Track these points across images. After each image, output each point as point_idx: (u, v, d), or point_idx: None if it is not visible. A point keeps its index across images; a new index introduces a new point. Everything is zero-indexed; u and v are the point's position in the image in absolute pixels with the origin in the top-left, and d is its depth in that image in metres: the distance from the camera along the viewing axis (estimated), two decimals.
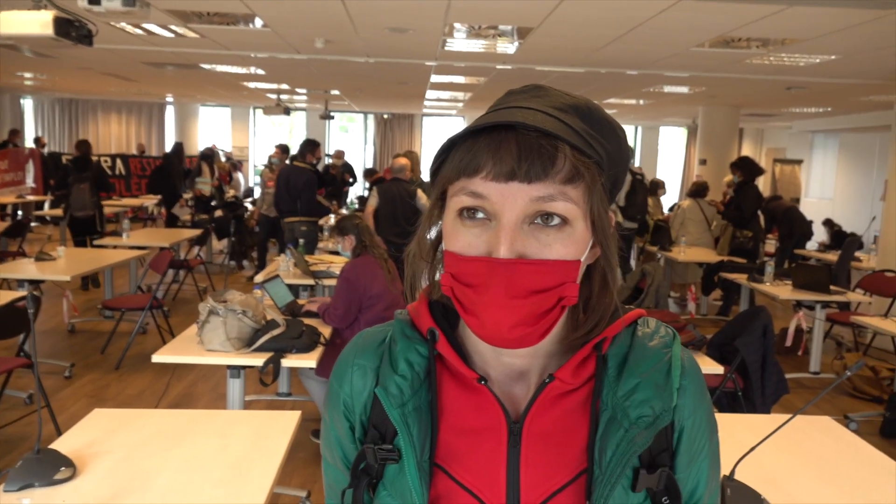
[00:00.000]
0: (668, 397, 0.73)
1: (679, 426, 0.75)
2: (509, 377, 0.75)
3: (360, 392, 0.79)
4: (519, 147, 0.65)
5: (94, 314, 6.64)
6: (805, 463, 2.16)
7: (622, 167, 0.75)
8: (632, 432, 0.71)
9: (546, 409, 0.74)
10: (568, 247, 0.67)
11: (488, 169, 0.66)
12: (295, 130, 19.23)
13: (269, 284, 3.92)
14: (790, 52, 6.37)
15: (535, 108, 0.69)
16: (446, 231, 0.70)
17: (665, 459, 0.74)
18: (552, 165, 0.65)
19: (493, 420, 0.74)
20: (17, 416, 4.16)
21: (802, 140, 15.47)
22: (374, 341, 0.81)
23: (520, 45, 6.66)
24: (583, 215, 0.68)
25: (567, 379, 0.73)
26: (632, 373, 0.73)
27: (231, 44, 7.44)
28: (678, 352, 0.77)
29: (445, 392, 0.76)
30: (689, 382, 0.76)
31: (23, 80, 12.81)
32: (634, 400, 0.72)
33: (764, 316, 3.71)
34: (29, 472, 1.83)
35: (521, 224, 0.66)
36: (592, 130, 0.71)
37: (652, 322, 0.79)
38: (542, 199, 0.66)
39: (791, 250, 8.61)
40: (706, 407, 0.78)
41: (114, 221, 11.29)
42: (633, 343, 0.76)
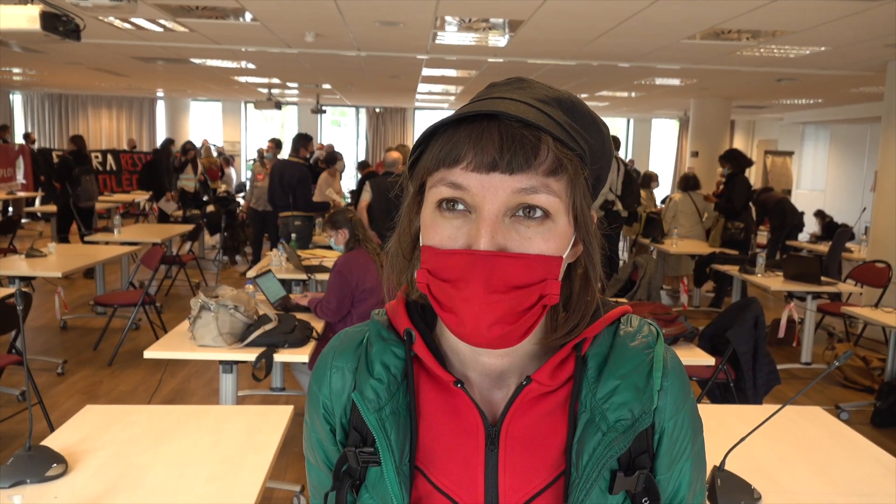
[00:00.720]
0: (649, 399, 0.72)
1: (660, 428, 0.74)
2: (487, 379, 0.74)
3: (339, 394, 0.77)
4: (501, 137, 0.63)
5: (87, 310, 6.62)
6: (796, 453, 2.18)
7: (605, 164, 0.73)
8: (609, 436, 0.70)
9: (524, 412, 0.72)
10: (549, 241, 0.65)
11: (469, 159, 0.64)
12: (287, 125, 19.17)
13: (260, 279, 3.92)
14: (781, 44, 6.39)
15: (518, 99, 0.68)
16: (424, 224, 0.68)
17: (645, 461, 0.73)
18: (535, 157, 0.64)
19: (470, 423, 0.72)
20: (10, 413, 4.15)
21: (793, 131, 15.52)
22: (353, 342, 0.79)
23: (511, 38, 6.65)
24: (565, 209, 0.66)
25: (545, 381, 0.71)
26: (611, 374, 0.72)
27: (221, 38, 7.40)
28: (661, 352, 0.75)
29: (423, 394, 0.75)
30: (671, 384, 0.74)
31: (11, 75, 12.71)
32: (613, 402, 0.71)
33: (755, 307, 3.72)
34: (20, 469, 1.83)
35: (503, 216, 0.65)
36: (576, 124, 0.69)
37: (635, 321, 0.77)
38: (525, 191, 0.64)
39: (782, 241, 8.65)
40: (689, 408, 0.76)
41: (105, 217, 11.25)
42: (615, 343, 0.74)
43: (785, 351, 5.89)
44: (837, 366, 1.56)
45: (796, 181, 15.06)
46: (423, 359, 0.73)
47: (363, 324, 0.81)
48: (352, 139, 19.20)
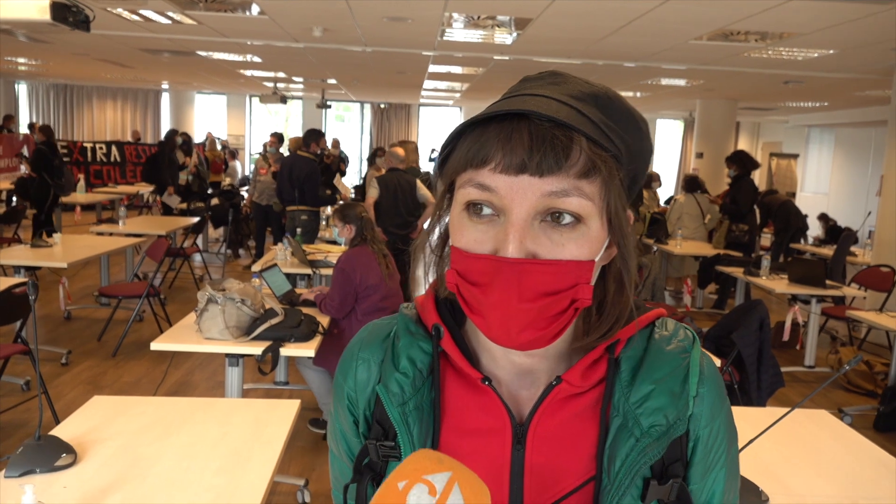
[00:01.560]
0: (684, 406, 0.69)
1: (694, 435, 0.71)
2: (516, 377, 0.72)
3: (363, 387, 0.77)
4: (531, 137, 0.61)
5: (91, 301, 6.63)
6: (802, 455, 2.18)
7: (643, 162, 0.71)
8: (643, 442, 0.68)
9: (553, 413, 0.71)
10: (582, 247, 0.63)
11: (497, 160, 0.62)
12: (291, 119, 19.17)
13: (267, 273, 3.92)
14: (788, 46, 6.38)
15: (551, 96, 0.65)
16: (453, 225, 0.67)
17: (678, 470, 0.70)
18: (566, 158, 0.61)
19: (497, 421, 0.71)
20: (14, 402, 4.16)
21: (798, 134, 15.50)
22: (380, 335, 0.78)
23: (518, 36, 6.64)
24: (598, 213, 0.64)
25: (575, 382, 0.70)
26: (646, 378, 0.70)
27: (228, 31, 7.40)
28: (697, 357, 0.72)
29: (449, 391, 0.73)
30: (708, 390, 0.72)
31: (17, 65, 12.71)
32: (647, 407, 0.69)
33: (761, 309, 3.73)
34: (30, 459, 1.83)
35: (532, 221, 0.62)
36: (611, 122, 0.67)
37: (671, 324, 0.75)
38: (555, 195, 0.62)
39: (787, 244, 8.63)
40: (724, 416, 0.74)
41: (109, 209, 11.26)
42: (649, 346, 0.72)
43: (788, 354, 5.89)
44: (847, 370, 1.57)
45: (800, 184, 15.04)
46: (451, 355, 0.72)
47: (391, 316, 0.80)
48: (356, 134, 19.19)
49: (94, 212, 10.91)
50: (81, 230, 7.76)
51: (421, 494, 0.55)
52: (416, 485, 0.55)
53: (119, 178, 13.85)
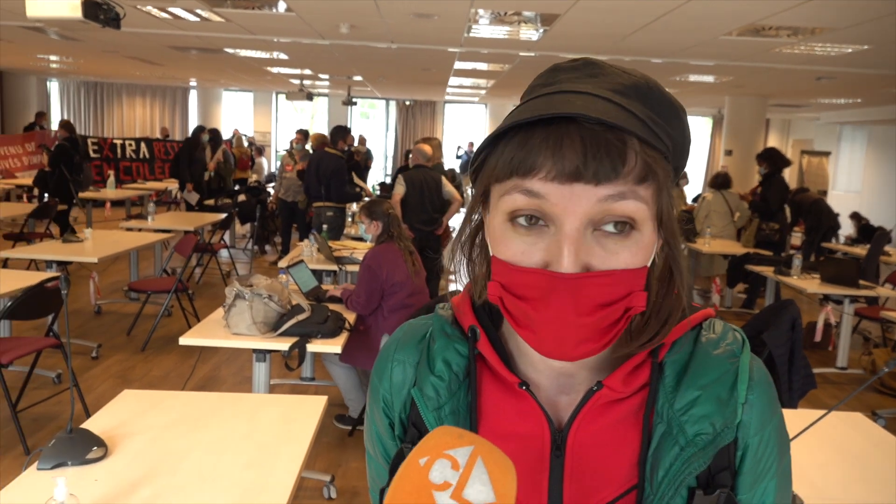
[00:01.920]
0: (732, 413, 0.66)
1: (743, 444, 0.68)
2: (555, 382, 0.70)
3: (399, 389, 0.75)
4: (584, 143, 0.57)
5: (120, 296, 6.71)
6: (836, 459, 2.14)
7: (685, 155, 0.68)
8: (688, 451, 0.65)
9: (593, 419, 0.68)
10: (636, 254, 0.61)
11: (548, 168, 0.58)
12: (317, 116, 19.27)
13: (293, 269, 3.94)
14: (821, 42, 6.27)
15: (593, 92, 0.62)
16: (494, 235, 0.63)
17: (725, 479, 0.67)
18: (623, 164, 0.58)
19: (535, 427, 0.69)
20: (46, 395, 4.22)
21: (830, 131, 15.24)
22: (416, 336, 0.76)
23: (545, 33, 6.60)
24: (652, 217, 0.61)
25: (617, 387, 0.67)
26: (691, 384, 0.66)
27: (256, 28, 7.45)
28: (746, 362, 0.69)
29: (486, 394, 0.71)
30: (758, 397, 0.68)
31: (49, 62, 12.92)
32: (693, 415, 0.65)
33: (792, 309, 3.66)
34: (62, 452, 1.85)
35: (585, 231, 0.59)
36: (656, 115, 0.63)
37: (719, 326, 0.71)
38: (611, 199, 0.58)
39: (818, 243, 8.50)
40: (776, 423, 0.70)
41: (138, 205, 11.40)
42: (696, 350, 0.69)
43: (819, 355, 5.79)
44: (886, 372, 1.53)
45: (832, 182, 14.80)
46: (488, 358, 0.70)
47: (428, 316, 0.78)
48: (381, 131, 19.24)
49: (124, 208, 11.04)
50: (111, 226, 7.87)
51: (444, 469, 0.54)
52: (438, 460, 0.54)
53: (148, 174, 14.02)
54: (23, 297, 3.56)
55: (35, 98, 16.30)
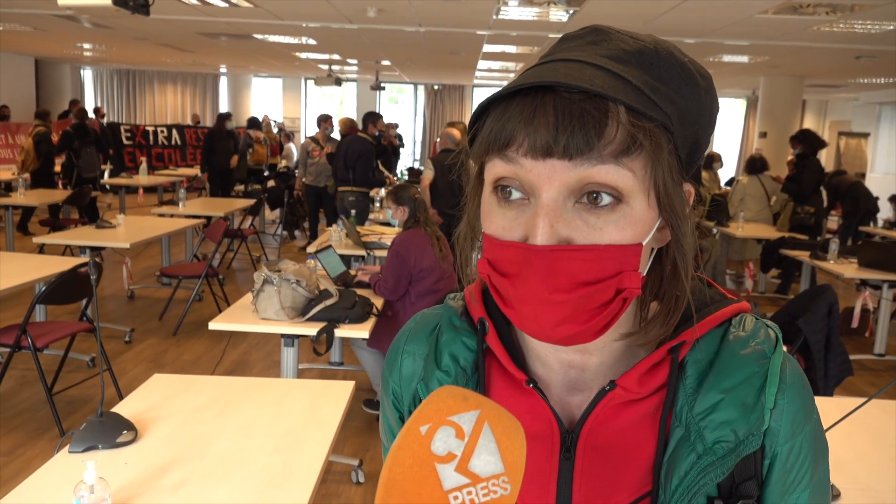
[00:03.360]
0: (757, 420, 0.61)
1: (771, 452, 0.62)
2: (566, 379, 0.66)
3: (408, 381, 0.72)
4: (557, 114, 0.53)
5: (152, 281, 6.81)
6: (875, 449, 2.08)
7: (705, 125, 0.61)
8: (706, 459, 0.60)
9: (605, 420, 0.64)
10: (623, 229, 0.55)
11: (519, 142, 0.55)
12: (345, 102, 19.29)
13: (322, 254, 3.94)
14: (861, 19, 6.08)
15: (586, 59, 0.57)
16: (483, 209, 0.61)
17: (751, 489, 0.62)
18: (599, 136, 0.53)
19: (544, 427, 0.65)
20: (80, 378, 4.30)
21: (869, 112, 14.84)
22: (427, 327, 0.74)
23: (575, 13, 6.50)
24: (643, 189, 0.56)
25: (631, 387, 0.63)
26: (714, 386, 0.61)
27: (284, 13, 7.45)
28: (778, 363, 0.63)
29: (495, 391, 0.68)
30: (789, 402, 0.62)
31: (82, 50, 13.09)
32: (713, 420, 0.60)
33: (829, 295, 3.57)
34: (93, 435, 1.87)
35: (565, 202, 0.55)
36: (660, 83, 0.58)
37: (750, 322, 0.65)
38: (587, 166, 0.54)
39: (855, 227, 8.30)
40: (810, 431, 0.64)
41: (170, 191, 11.54)
42: (721, 349, 0.63)
43: (856, 341, 5.66)
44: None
45: (871, 164, 14.43)
46: (496, 353, 0.67)
47: (441, 306, 0.75)
48: (409, 116, 19.20)
49: (156, 194, 11.19)
50: (144, 211, 7.97)
51: (447, 439, 0.49)
52: (441, 428, 0.50)
53: (179, 160, 14.16)
54: (56, 282, 3.61)
55: (69, 86, 16.54)
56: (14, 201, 7.51)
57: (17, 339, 3.51)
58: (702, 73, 0.61)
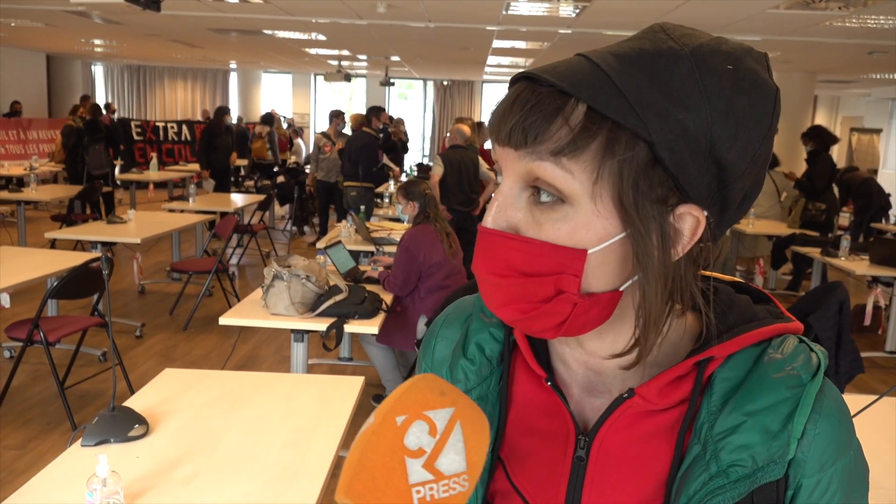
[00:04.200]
0: (781, 448, 0.57)
1: (795, 483, 0.59)
2: (584, 380, 0.66)
3: (440, 365, 0.73)
4: (513, 105, 0.55)
5: (163, 276, 6.84)
6: (886, 446, 2.07)
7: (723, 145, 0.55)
8: (716, 481, 0.57)
9: (622, 428, 0.63)
10: (559, 230, 0.55)
11: (491, 128, 0.58)
12: (355, 97, 19.29)
13: (331, 250, 3.95)
14: (875, 14, 6.02)
15: (590, 56, 0.56)
16: None
17: None
18: (542, 131, 0.53)
19: (560, 427, 0.65)
20: (92, 372, 4.33)
21: (881, 108, 14.73)
22: (463, 313, 0.74)
23: (584, 9, 6.47)
24: (587, 194, 0.54)
25: (651, 398, 0.61)
26: (738, 408, 0.59)
27: (294, 9, 7.45)
28: (813, 391, 0.59)
29: (518, 385, 0.68)
30: (820, 433, 0.58)
31: (93, 46, 13.14)
32: (731, 442, 0.58)
33: (840, 292, 3.55)
34: (105, 429, 1.89)
35: (520, 192, 0.57)
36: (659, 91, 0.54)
37: (790, 345, 0.61)
38: (529, 160, 0.55)
39: (867, 224, 8.25)
40: (844, 466, 0.60)
41: (180, 186, 11.58)
42: (753, 370, 0.60)
43: (868, 338, 5.63)
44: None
45: (883, 160, 14.32)
46: (521, 347, 0.67)
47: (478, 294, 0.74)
48: (419, 112, 19.19)
49: (167, 189, 11.23)
50: (154, 207, 8.01)
51: (420, 434, 0.51)
52: (416, 421, 0.52)
53: (189, 156, 14.21)
54: (68, 277, 3.64)
55: (80, 82, 16.62)
56: (26, 196, 7.56)
57: (29, 333, 3.54)
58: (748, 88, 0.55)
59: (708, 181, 0.56)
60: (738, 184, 0.58)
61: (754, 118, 0.56)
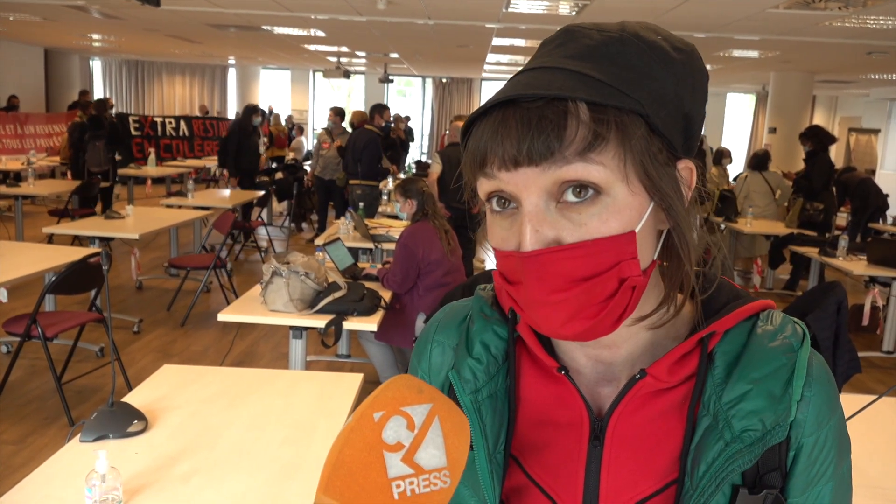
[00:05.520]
0: (785, 410, 0.62)
1: (796, 444, 0.64)
2: (596, 369, 0.68)
3: (437, 371, 0.73)
4: (518, 126, 0.56)
5: (160, 272, 6.83)
6: (884, 446, 2.07)
7: (688, 99, 0.61)
8: (733, 447, 0.61)
9: (635, 409, 0.66)
10: (608, 221, 0.57)
11: (491, 158, 0.58)
12: (354, 94, 19.27)
13: (330, 247, 3.95)
14: (873, 14, 6.03)
15: (548, 65, 0.59)
16: (487, 223, 0.63)
17: (775, 480, 0.64)
18: (560, 139, 0.55)
19: (574, 414, 0.67)
20: (90, 367, 4.33)
21: (880, 108, 14.75)
22: (457, 317, 0.75)
23: (583, 7, 6.47)
24: (620, 178, 0.57)
25: (661, 376, 0.64)
26: (743, 377, 0.63)
27: (293, 5, 7.44)
28: (805, 357, 0.64)
29: (525, 379, 0.70)
30: (815, 394, 0.64)
31: (91, 41, 13.11)
32: (741, 409, 0.62)
33: (838, 291, 3.56)
34: (103, 424, 1.88)
35: (547, 205, 0.57)
36: (626, 70, 0.58)
37: (777, 317, 0.67)
38: (557, 167, 0.56)
39: (865, 224, 8.27)
40: (835, 424, 0.65)
41: (178, 182, 11.56)
42: (749, 341, 0.65)
43: (865, 338, 5.65)
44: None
45: (881, 161, 14.35)
46: (528, 341, 0.68)
47: (470, 298, 0.76)
48: (417, 109, 19.18)
49: (164, 185, 11.22)
50: (152, 202, 8.00)
51: (398, 429, 0.52)
52: (394, 417, 0.52)
53: (187, 151, 14.18)
54: (66, 272, 3.63)
55: (78, 77, 16.58)
56: (23, 191, 7.54)
57: (27, 328, 3.54)
58: (677, 47, 0.61)
59: (681, 134, 0.61)
60: (696, 130, 0.63)
61: (695, 70, 0.63)
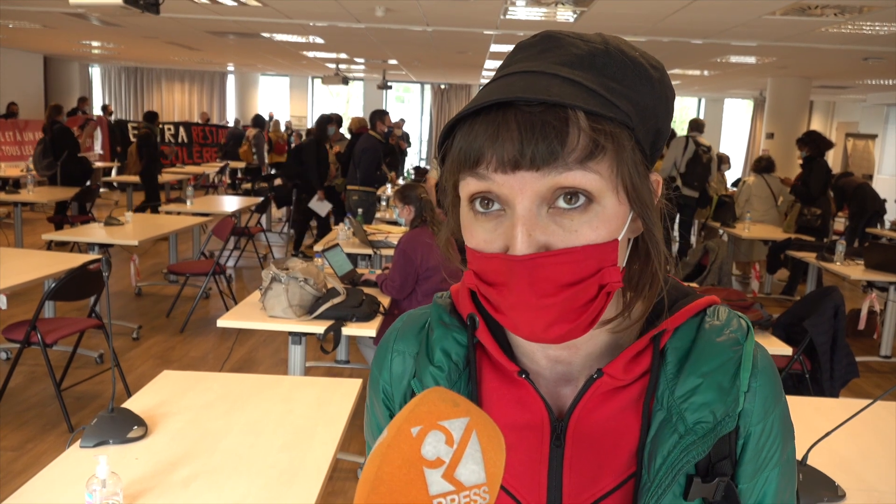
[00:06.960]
0: (733, 401, 0.65)
1: (745, 433, 0.67)
2: (555, 371, 0.69)
3: (399, 380, 0.74)
4: (520, 128, 0.56)
5: (159, 278, 6.84)
6: (880, 449, 2.08)
7: (663, 114, 0.64)
8: (687, 438, 0.63)
9: (593, 408, 0.67)
10: (597, 228, 0.58)
11: (488, 159, 0.57)
12: (352, 100, 19.31)
13: (329, 253, 3.96)
14: (869, 20, 6.06)
15: (539, 69, 0.59)
16: (463, 223, 0.63)
17: (726, 468, 0.66)
18: (562, 145, 0.56)
19: (535, 416, 0.68)
20: (89, 374, 4.33)
21: (876, 114, 14.79)
22: (415, 326, 0.76)
23: (582, 14, 6.50)
24: (611, 188, 0.58)
25: (617, 374, 0.66)
26: (693, 371, 0.65)
27: (292, 12, 7.47)
28: (750, 350, 0.67)
29: (486, 384, 0.71)
30: (761, 385, 0.67)
31: (90, 48, 13.14)
32: (693, 402, 0.64)
33: (835, 296, 3.58)
34: (104, 430, 1.89)
35: (539, 210, 0.58)
36: (614, 82, 0.60)
37: (723, 313, 0.69)
38: (555, 173, 0.57)
39: (862, 229, 8.28)
40: (779, 412, 0.68)
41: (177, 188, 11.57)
42: (698, 337, 0.67)
43: (863, 343, 5.66)
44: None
45: (878, 166, 14.38)
46: (487, 346, 0.69)
47: (427, 306, 0.77)
48: (416, 116, 19.22)
49: (164, 191, 11.23)
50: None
51: (437, 444, 0.50)
52: (432, 432, 0.50)
53: (186, 158, 14.22)
54: (66, 278, 3.64)
55: (78, 83, 16.61)
56: (23, 198, 7.55)
57: (26, 334, 3.54)
58: (653, 65, 0.64)
59: (650, 147, 0.63)
60: (661, 145, 0.66)
61: (666, 88, 0.65)
